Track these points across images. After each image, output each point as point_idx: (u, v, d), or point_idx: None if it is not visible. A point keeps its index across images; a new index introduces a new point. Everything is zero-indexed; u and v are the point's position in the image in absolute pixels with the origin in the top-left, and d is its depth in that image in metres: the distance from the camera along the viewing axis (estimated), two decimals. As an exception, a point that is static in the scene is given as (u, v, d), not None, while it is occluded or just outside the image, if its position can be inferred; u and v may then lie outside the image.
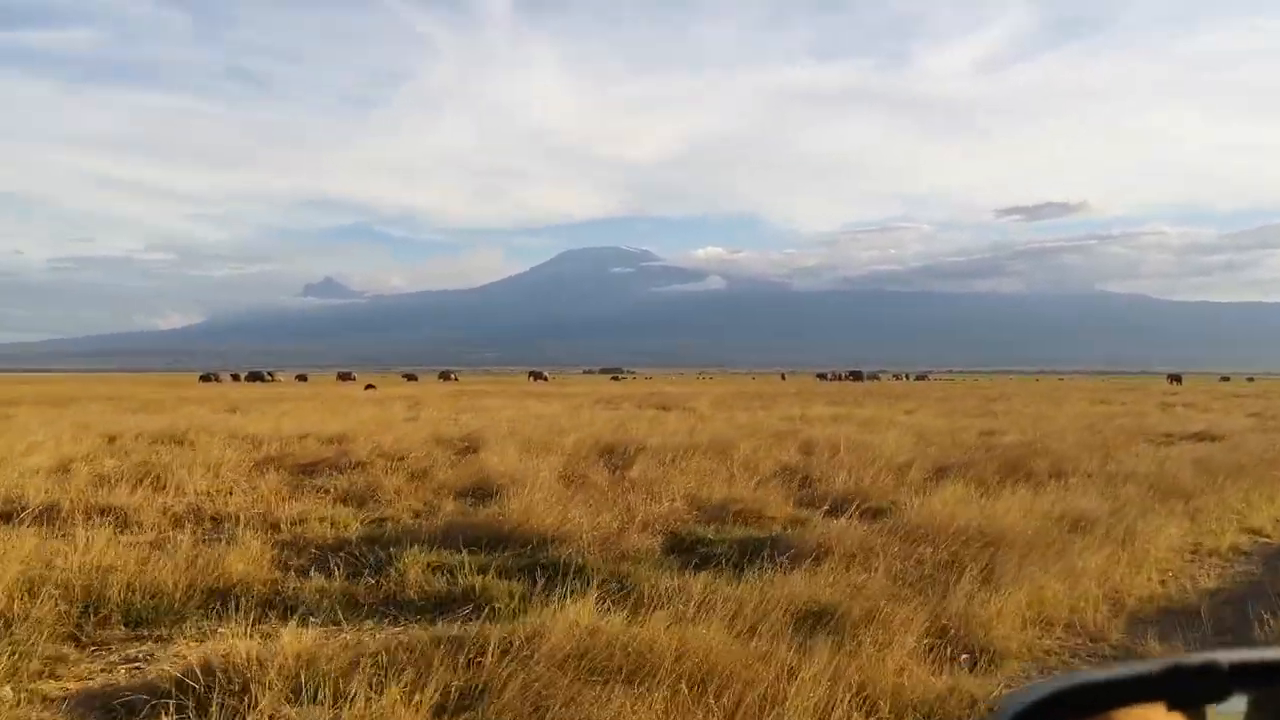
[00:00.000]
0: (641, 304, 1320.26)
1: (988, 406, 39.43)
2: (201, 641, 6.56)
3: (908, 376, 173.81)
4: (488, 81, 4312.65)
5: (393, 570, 8.33)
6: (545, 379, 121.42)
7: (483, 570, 8.31)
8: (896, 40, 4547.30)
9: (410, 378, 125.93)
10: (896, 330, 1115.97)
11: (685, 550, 9.67)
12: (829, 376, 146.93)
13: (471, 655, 5.69)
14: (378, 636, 6.55)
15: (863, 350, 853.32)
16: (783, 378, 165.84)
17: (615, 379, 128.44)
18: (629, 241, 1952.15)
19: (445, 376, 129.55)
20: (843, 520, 9.93)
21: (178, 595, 7.38)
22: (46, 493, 11.71)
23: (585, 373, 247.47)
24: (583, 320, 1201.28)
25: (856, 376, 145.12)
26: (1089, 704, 1.27)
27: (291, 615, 7.02)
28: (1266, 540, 11.16)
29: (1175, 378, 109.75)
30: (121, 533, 9.85)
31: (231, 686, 5.29)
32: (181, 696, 5.25)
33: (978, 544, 8.80)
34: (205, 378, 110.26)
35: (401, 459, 16.41)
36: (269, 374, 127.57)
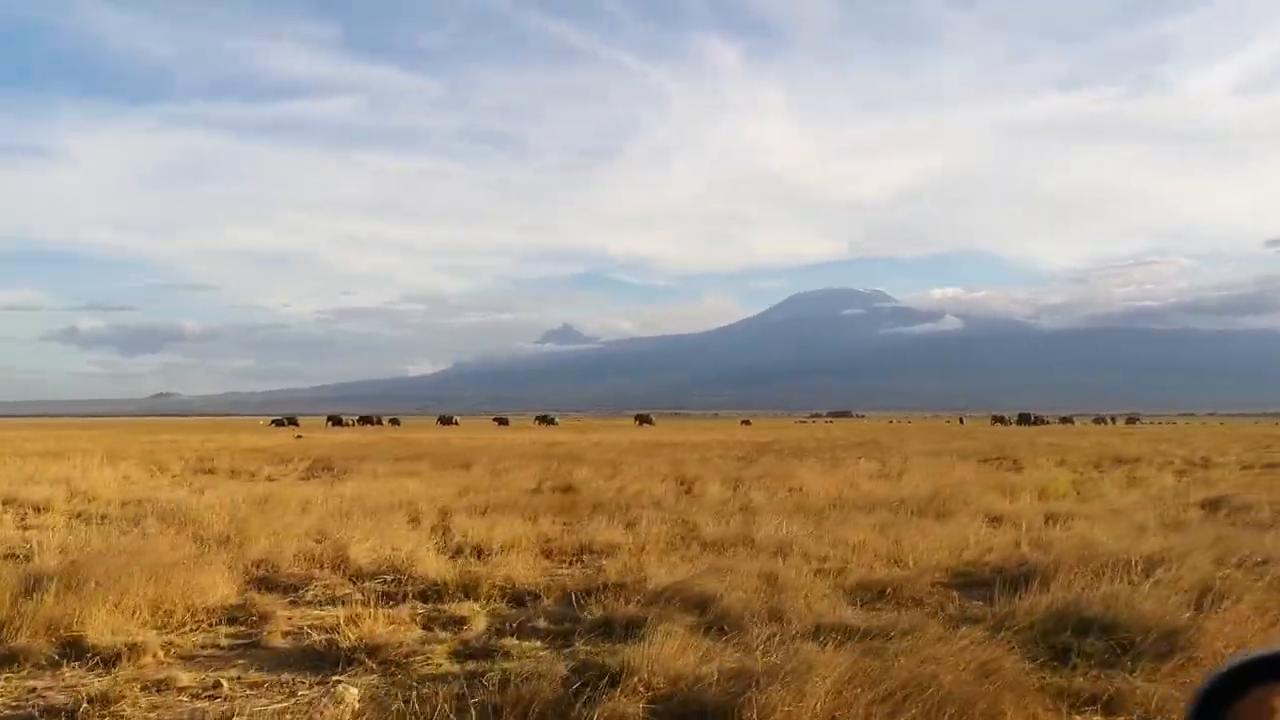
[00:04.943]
0: (874, 345, 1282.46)
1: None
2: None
3: (1113, 420, 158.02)
4: (717, 128, 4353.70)
5: None
6: (651, 422, 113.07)
7: None
8: (1147, 65, 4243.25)
9: (547, 420, 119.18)
10: (1153, 369, 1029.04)
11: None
12: (1005, 420, 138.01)
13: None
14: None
15: (1116, 390, 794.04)
16: (960, 421, 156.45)
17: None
18: (861, 283, 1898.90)
19: (545, 419, 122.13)
20: None
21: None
22: None
23: (812, 416, 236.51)
24: (814, 362, 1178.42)
25: (1025, 420, 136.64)
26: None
27: None
28: None
29: None
30: None
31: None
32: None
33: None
34: (278, 422, 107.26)
35: None
36: (377, 419, 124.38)
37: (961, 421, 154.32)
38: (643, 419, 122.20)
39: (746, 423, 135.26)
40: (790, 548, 11.60)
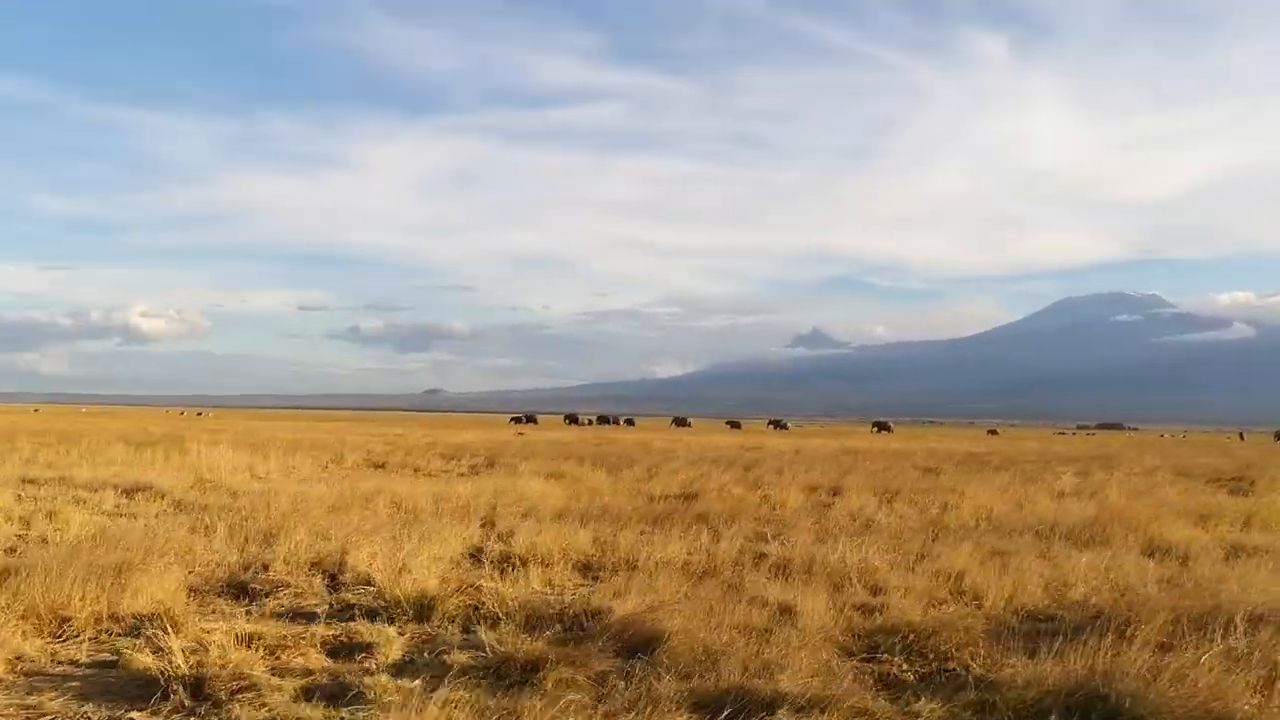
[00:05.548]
0: (1150, 354, 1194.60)
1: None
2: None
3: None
4: (982, 125, 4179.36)
5: None
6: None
7: None
8: None
9: (779, 425, 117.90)
10: None
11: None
12: None
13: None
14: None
15: None
16: (1241, 437, 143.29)
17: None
18: (1136, 287, 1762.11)
19: (778, 424, 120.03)
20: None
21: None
22: None
23: (1080, 427, 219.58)
24: (1082, 371, 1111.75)
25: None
26: None
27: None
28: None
29: None
30: None
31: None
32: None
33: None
34: (516, 419, 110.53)
35: None
36: (614, 418, 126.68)
37: (1242, 438, 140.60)
38: (881, 426, 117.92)
39: (993, 432, 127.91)
40: (852, 577, 9.69)
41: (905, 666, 6.85)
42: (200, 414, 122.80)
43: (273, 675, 6.34)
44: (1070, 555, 11.38)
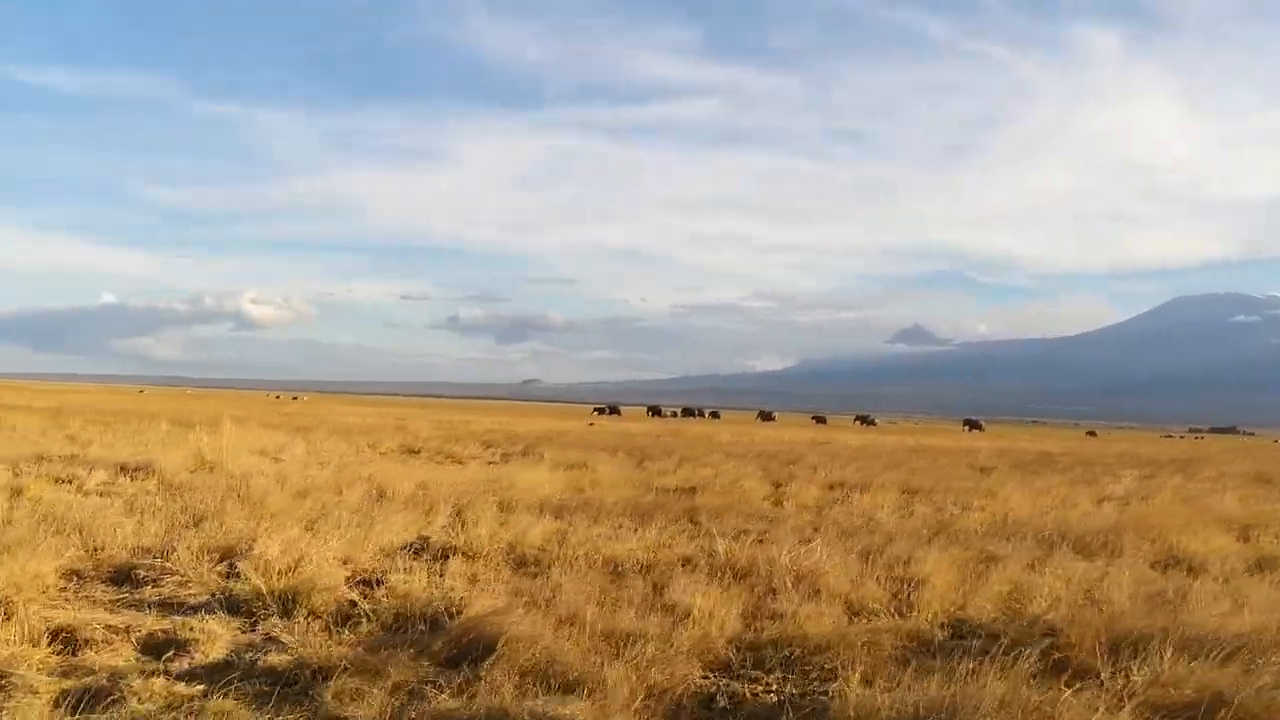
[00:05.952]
0: (1269, 356, 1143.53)
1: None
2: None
3: None
4: (1090, 121, 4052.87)
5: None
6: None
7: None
8: None
9: (867, 421, 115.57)
10: None
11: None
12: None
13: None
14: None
15: None
16: None
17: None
18: (1256, 287, 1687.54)
19: (865, 420, 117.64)
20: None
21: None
22: None
23: (1191, 430, 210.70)
24: (1195, 373, 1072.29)
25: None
26: None
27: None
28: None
29: None
30: None
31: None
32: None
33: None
34: (600, 410, 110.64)
35: None
36: (699, 411, 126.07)
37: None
38: (972, 424, 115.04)
39: (1092, 434, 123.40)
40: (788, 581, 8.75)
41: (775, 686, 5.96)
42: (296, 398, 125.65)
43: (49, 674, 5.73)
44: (1065, 564, 10.25)
